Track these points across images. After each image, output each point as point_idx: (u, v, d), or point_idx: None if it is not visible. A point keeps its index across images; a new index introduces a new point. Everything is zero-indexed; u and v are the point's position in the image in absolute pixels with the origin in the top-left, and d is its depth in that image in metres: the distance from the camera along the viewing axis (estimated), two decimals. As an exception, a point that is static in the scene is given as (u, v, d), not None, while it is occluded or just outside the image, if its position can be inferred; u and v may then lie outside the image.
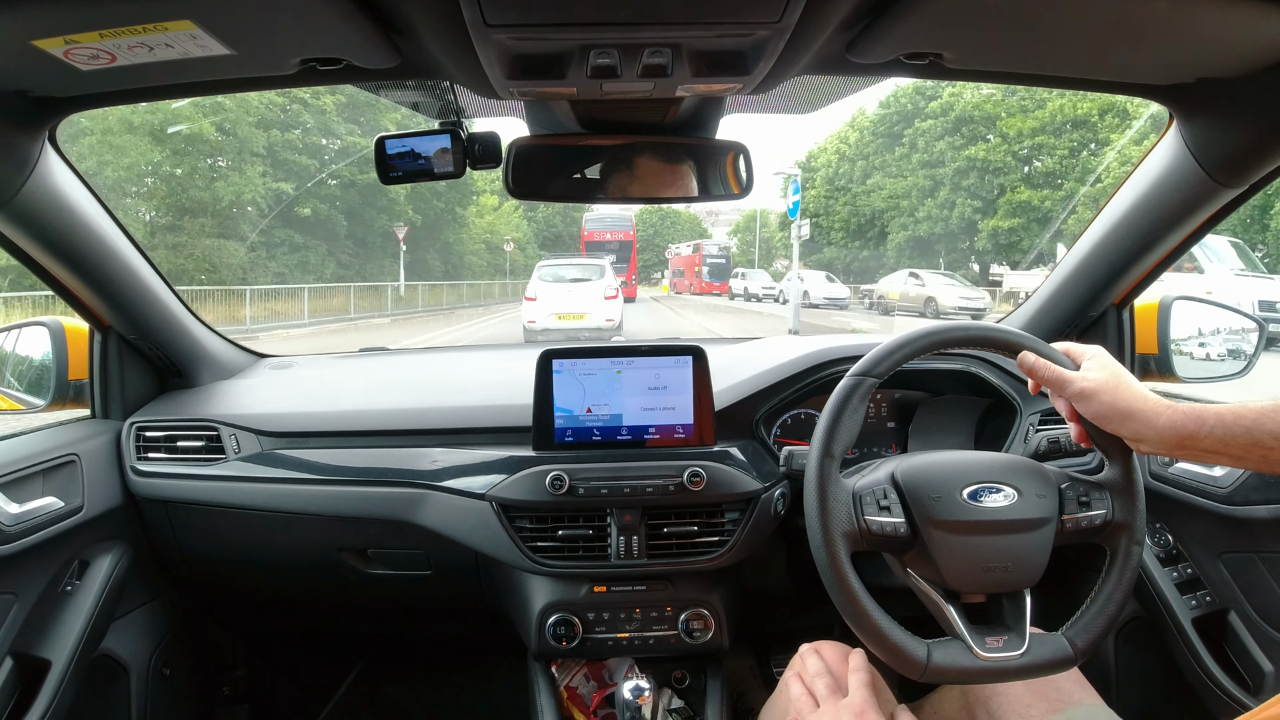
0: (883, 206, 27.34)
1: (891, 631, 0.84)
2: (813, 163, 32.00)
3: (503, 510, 1.20)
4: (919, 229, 25.76)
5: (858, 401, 0.89)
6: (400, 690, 1.83)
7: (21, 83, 0.86)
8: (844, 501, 0.87)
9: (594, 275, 11.55)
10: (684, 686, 1.34)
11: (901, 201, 26.59)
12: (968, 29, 0.81)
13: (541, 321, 10.66)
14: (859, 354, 0.94)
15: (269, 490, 1.31)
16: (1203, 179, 1.03)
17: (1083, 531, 0.87)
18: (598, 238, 20.22)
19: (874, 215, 28.07)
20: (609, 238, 20.13)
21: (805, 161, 32.19)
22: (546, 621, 1.24)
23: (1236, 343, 1.36)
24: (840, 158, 30.14)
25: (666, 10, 0.70)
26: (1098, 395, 0.83)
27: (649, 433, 1.25)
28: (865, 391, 0.89)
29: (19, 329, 1.37)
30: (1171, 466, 1.24)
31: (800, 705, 0.92)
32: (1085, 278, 1.31)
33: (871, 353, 0.90)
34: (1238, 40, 0.80)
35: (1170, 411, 0.79)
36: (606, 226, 20.41)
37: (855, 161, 29.46)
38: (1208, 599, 1.21)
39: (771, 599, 1.47)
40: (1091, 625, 0.86)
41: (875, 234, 28.25)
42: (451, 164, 1.05)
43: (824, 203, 29.93)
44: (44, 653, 1.13)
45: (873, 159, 28.59)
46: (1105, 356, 0.87)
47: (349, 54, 0.84)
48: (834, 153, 30.52)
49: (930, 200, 25.49)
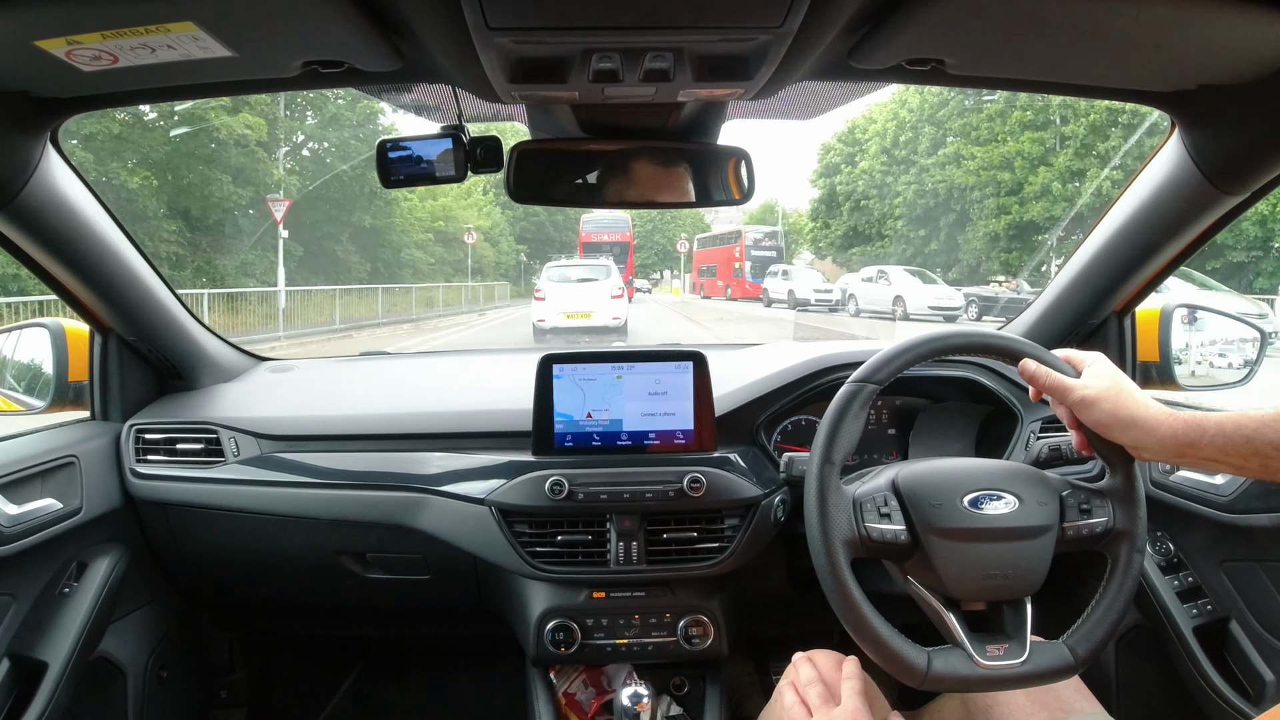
0: (968, 182, 20.77)
1: (891, 639, 0.83)
2: (857, 134, 25.32)
3: (502, 515, 1.20)
4: (1029, 211, 19.09)
5: (858, 408, 0.89)
6: (397, 695, 1.82)
7: (23, 83, 0.86)
8: (844, 509, 0.87)
9: (600, 275, 11.74)
10: (683, 693, 1.34)
11: (999, 174, 20.01)
12: (970, 35, 0.81)
13: (551, 320, 10.97)
14: (860, 360, 0.94)
15: (268, 493, 1.30)
16: (1204, 186, 1.03)
17: (1084, 539, 0.87)
18: (595, 239, 20.34)
19: (952, 193, 21.33)
20: (606, 239, 20.23)
21: (846, 133, 26.09)
22: (545, 627, 1.23)
23: (1238, 350, 1.36)
24: (899, 125, 23.46)
25: (669, 14, 0.70)
26: (1099, 403, 0.83)
27: (649, 438, 1.25)
28: (866, 398, 0.89)
29: (19, 330, 1.37)
30: (1172, 475, 1.24)
31: (794, 714, 0.92)
32: (1087, 285, 1.31)
33: (872, 359, 0.90)
34: (1240, 47, 0.80)
35: (1171, 420, 0.79)
36: (604, 228, 20.54)
37: (921, 128, 22.79)
38: (1209, 607, 1.20)
39: (771, 606, 1.47)
40: (1093, 634, 0.86)
41: (952, 220, 21.49)
42: (453, 168, 1.05)
43: (878, 179, 23.74)
44: (41, 655, 1.12)
45: (951, 123, 22.09)
46: (1106, 363, 0.87)
47: (351, 57, 0.84)
48: (889, 119, 23.87)
49: (1045, 170, 18.81)
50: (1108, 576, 0.88)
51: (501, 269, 29.38)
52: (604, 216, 20.42)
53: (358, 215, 18.04)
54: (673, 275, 38.84)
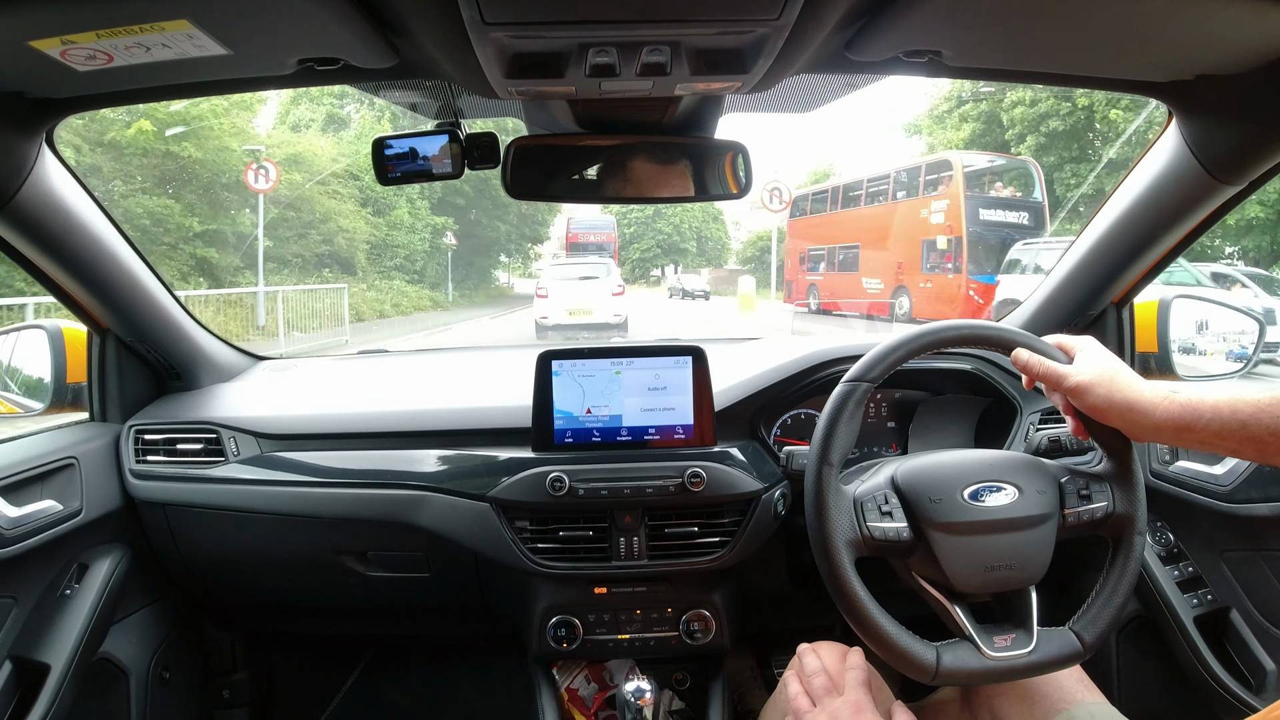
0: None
1: (899, 638, 0.83)
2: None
3: (503, 511, 1.20)
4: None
5: (854, 407, 0.89)
6: (400, 693, 1.83)
7: (18, 84, 0.86)
8: (846, 510, 0.87)
9: (601, 274, 11.88)
10: (685, 688, 1.34)
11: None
12: (966, 26, 0.81)
13: (554, 317, 11.11)
14: (859, 354, 0.94)
15: (268, 493, 1.30)
16: (1202, 176, 1.03)
17: (1084, 525, 0.88)
18: (583, 239, 20.36)
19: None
20: (593, 239, 20.29)
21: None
22: (547, 623, 1.23)
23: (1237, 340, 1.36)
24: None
25: (665, 8, 0.70)
26: (1093, 389, 0.83)
27: (649, 433, 1.25)
28: (861, 397, 0.89)
29: (17, 332, 1.37)
30: (1172, 465, 1.24)
31: (797, 704, 0.93)
32: (1085, 276, 1.31)
33: (866, 357, 0.90)
34: (1237, 37, 0.80)
35: (1166, 404, 0.79)
36: (591, 228, 20.64)
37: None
38: (1209, 597, 1.20)
39: (772, 599, 1.47)
40: (1098, 618, 0.86)
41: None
42: (450, 164, 1.05)
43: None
44: (43, 656, 1.12)
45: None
46: (1097, 348, 0.87)
47: (346, 54, 0.84)
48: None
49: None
50: (1110, 561, 0.88)
51: (398, 257, 16.98)
52: (591, 217, 20.60)
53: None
54: (677, 270, 31.48)
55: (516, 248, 25.62)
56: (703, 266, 31.81)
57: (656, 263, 33.59)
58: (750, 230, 33.34)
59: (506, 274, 27.29)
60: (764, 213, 19.00)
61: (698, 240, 33.57)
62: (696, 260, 33.06)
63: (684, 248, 32.72)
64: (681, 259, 32.81)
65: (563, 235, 22.02)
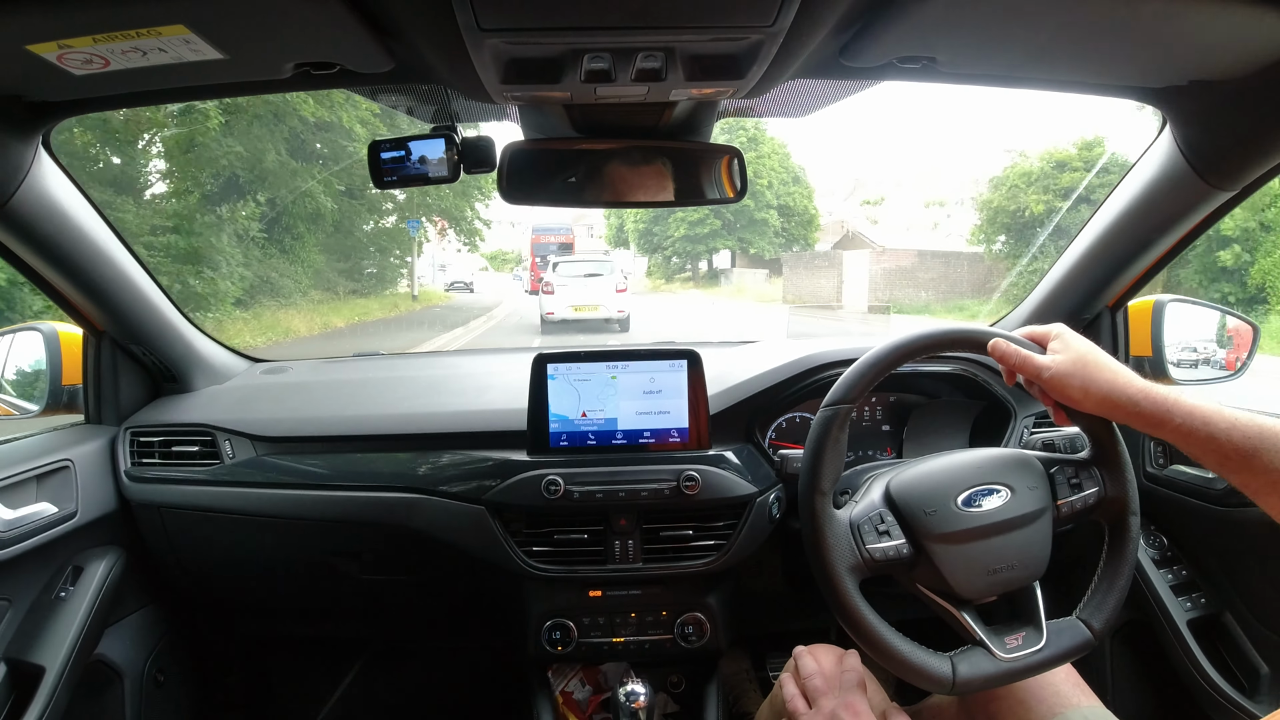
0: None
1: (914, 655, 0.84)
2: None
3: (498, 515, 1.20)
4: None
5: (838, 431, 0.89)
6: (395, 695, 1.83)
7: (15, 87, 0.86)
8: (843, 535, 0.87)
9: (605, 271, 12.10)
10: (680, 691, 1.34)
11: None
12: (961, 32, 0.81)
13: (560, 312, 11.41)
14: (852, 357, 0.94)
15: (263, 495, 1.30)
16: (1195, 182, 1.03)
17: (1078, 513, 0.88)
18: (544, 240, 22.55)
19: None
20: (552, 240, 22.45)
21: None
22: (542, 626, 1.24)
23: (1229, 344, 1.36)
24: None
25: (660, 14, 0.70)
26: (1069, 379, 0.84)
27: (644, 437, 1.25)
28: (843, 420, 0.89)
29: (12, 334, 1.37)
30: (1167, 468, 1.24)
31: (794, 706, 0.93)
32: (1079, 280, 1.31)
33: (841, 380, 0.90)
34: (1231, 43, 0.81)
35: (1143, 397, 0.80)
36: (551, 231, 22.85)
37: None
38: (1203, 601, 1.21)
39: (767, 602, 1.47)
40: (1104, 603, 0.87)
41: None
42: (446, 168, 1.05)
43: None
44: (38, 659, 1.12)
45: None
46: (1069, 335, 0.87)
47: (343, 59, 0.84)
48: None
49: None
50: (1107, 545, 0.89)
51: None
52: (551, 220, 23.03)
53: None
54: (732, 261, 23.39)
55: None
56: (784, 250, 21.20)
57: (711, 243, 22.62)
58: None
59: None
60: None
61: (780, 210, 22.10)
62: (774, 243, 21.40)
63: (759, 218, 21.72)
64: (760, 235, 21.74)
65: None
